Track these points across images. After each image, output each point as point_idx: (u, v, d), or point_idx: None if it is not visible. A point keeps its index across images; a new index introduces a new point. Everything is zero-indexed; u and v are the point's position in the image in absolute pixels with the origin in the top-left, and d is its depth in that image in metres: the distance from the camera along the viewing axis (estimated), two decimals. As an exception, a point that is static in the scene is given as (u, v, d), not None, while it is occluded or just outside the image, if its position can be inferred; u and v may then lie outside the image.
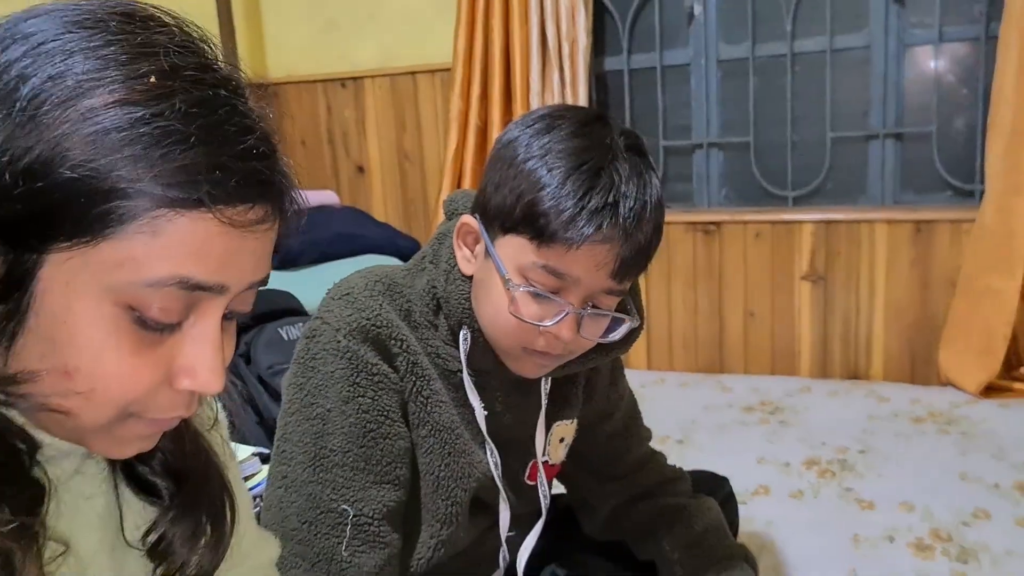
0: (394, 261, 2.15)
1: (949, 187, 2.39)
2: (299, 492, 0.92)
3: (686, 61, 2.64)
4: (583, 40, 2.50)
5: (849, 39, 2.44)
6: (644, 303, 2.26)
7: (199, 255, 0.53)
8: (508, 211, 0.89)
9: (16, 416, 0.55)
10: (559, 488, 1.20)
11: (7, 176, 0.48)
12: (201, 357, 0.55)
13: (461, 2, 2.59)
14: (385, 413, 0.95)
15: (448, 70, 2.70)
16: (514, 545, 1.10)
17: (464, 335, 0.97)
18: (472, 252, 0.95)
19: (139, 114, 0.50)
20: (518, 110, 2.58)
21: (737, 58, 2.58)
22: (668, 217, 1.04)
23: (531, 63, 2.55)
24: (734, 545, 1.19)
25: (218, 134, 0.53)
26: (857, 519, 1.57)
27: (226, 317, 0.56)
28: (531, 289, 0.88)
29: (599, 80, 2.72)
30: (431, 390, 0.97)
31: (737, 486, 1.33)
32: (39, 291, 0.51)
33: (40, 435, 0.56)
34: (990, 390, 2.15)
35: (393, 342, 0.95)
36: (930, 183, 2.42)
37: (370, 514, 0.93)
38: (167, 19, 0.55)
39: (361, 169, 2.96)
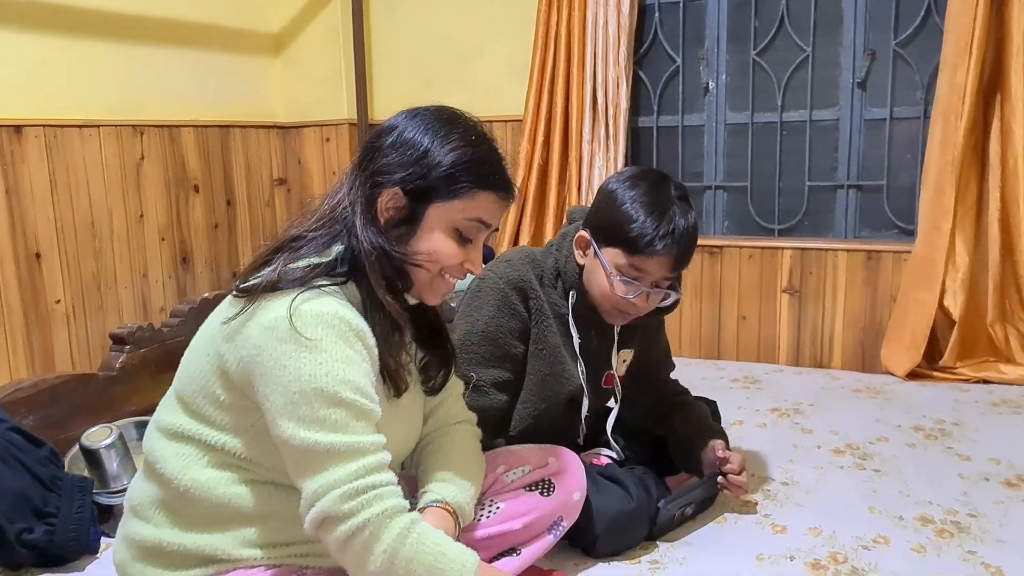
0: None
1: (895, 226, 3.14)
2: None
3: (701, 123, 3.38)
4: (624, 104, 3.27)
5: (824, 113, 3.17)
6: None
7: (486, 210, 1.31)
8: (611, 233, 1.64)
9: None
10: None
11: (417, 177, 1.28)
12: (476, 256, 1.34)
13: (533, 69, 3.36)
14: (509, 331, 1.71)
15: (519, 120, 3.45)
16: (589, 424, 1.86)
17: (572, 294, 1.75)
18: (584, 253, 1.72)
19: (468, 150, 1.29)
20: (572, 154, 3.33)
21: (740, 123, 3.31)
22: None
23: (584, 119, 3.30)
24: (715, 424, 1.96)
25: (494, 158, 1.32)
26: (799, 440, 2.32)
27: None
28: (623, 278, 1.65)
29: (634, 134, 3.46)
30: (546, 324, 1.73)
31: (723, 416, 2.10)
32: (424, 221, 1.30)
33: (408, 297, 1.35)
34: (914, 375, 2.89)
35: (531, 291, 1.72)
36: (881, 223, 3.17)
37: (486, 379, 1.69)
38: (462, 111, 1.35)
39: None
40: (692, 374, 2.85)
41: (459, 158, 1.26)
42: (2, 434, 1.71)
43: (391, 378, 1.28)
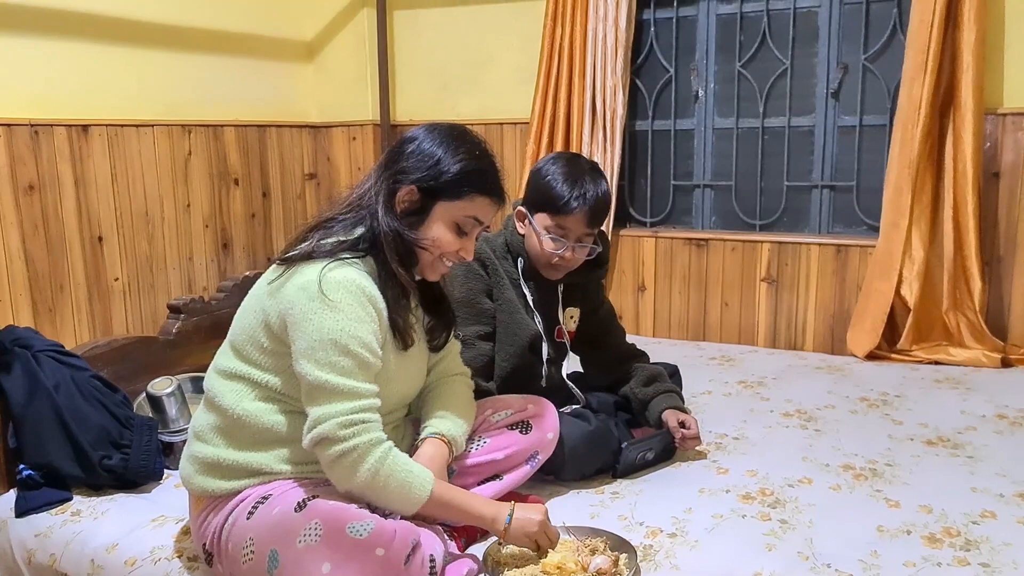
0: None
1: (864, 223, 3.46)
2: None
3: (691, 127, 3.68)
4: (620, 110, 3.59)
5: (801, 120, 3.47)
6: (653, 296, 3.48)
7: (481, 211, 1.68)
8: (539, 201, 2.04)
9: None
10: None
11: (430, 179, 1.64)
12: (469, 246, 1.70)
13: (539, 77, 3.67)
14: (479, 292, 2.08)
15: (526, 123, 3.77)
16: (550, 367, 2.21)
17: (520, 261, 2.12)
18: (522, 224, 2.10)
19: (472, 163, 1.66)
20: (573, 154, 3.71)
21: (726, 127, 3.62)
22: (671, 233, 2.30)
23: (584, 123, 3.61)
24: (671, 384, 2.32)
25: (492, 170, 1.70)
26: (756, 406, 2.66)
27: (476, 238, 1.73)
28: (551, 236, 2.03)
29: (631, 137, 3.76)
30: (504, 285, 2.11)
31: (694, 388, 2.45)
32: (432, 214, 1.67)
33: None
34: (873, 356, 3.22)
35: (487, 260, 2.10)
36: (851, 220, 3.48)
37: (471, 334, 2.06)
38: (469, 129, 1.73)
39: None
40: (675, 353, 3.19)
41: (464, 168, 1.63)
42: (86, 380, 2.11)
43: (400, 334, 1.65)
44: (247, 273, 2.73)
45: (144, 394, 2.26)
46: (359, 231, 1.65)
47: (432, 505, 1.56)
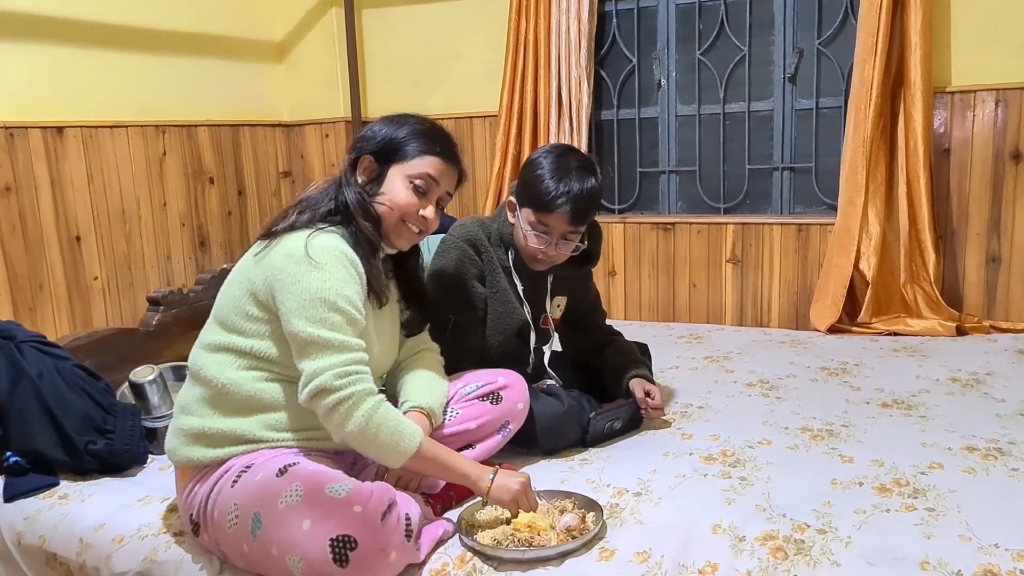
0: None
1: (823, 203, 3.57)
2: (428, 309, 2.13)
3: (655, 115, 3.77)
4: (586, 100, 3.67)
5: (760, 104, 3.57)
6: (623, 279, 3.60)
7: (433, 168, 1.78)
8: (526, 195, 2.09)
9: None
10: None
11: (382, 147, 1.75)
12: (429, 206, 1.79)
13: (506, 70, 3.75)
14: (472, 277, 2.17)
15: (495, 116, 3.84)
16: (536, 354, 2.31)
17: (511, 252, 2.20)
18: (512, 215, 2.18)
19: (418, 127, 1.77)
20: (541, 144, 3.80)
21: (688, 114, 3.71)
22: (639, 219, 2.40)
23: (551, 114, 3.69)
24: (640, 357, 2.40)
25: (441, 135, 1.80)
26: (721, 378, 2.75)
27: (437, 205, 1.82)
28: (534, 232, 2.09)
29: (597, 126, 3.83)
30: (497, 272, 2.18)
31: (662, 364, 2.54)
32: (387, 177, 1.76)
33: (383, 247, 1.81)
34: (834, 330, 3.33)
35: (482, 247, 2.17)
36: (812, 200, 3.58)
37: (462, 320, 2.14)
38: (421, 117, 1.83)
39: (430, 182, 4.21)
40: (645, 333, 3.26)
41: (410, 132, 1.78)
42: (70, 368, 2.17)
43: (375, 292, 1.75)
44: (224, 266, 2.80)
45: (126, 383, 2.32)
46: (332, 204, 1.77)
47: (419, 459, 1.65)
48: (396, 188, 1.76)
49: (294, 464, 1.61)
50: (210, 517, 1.65)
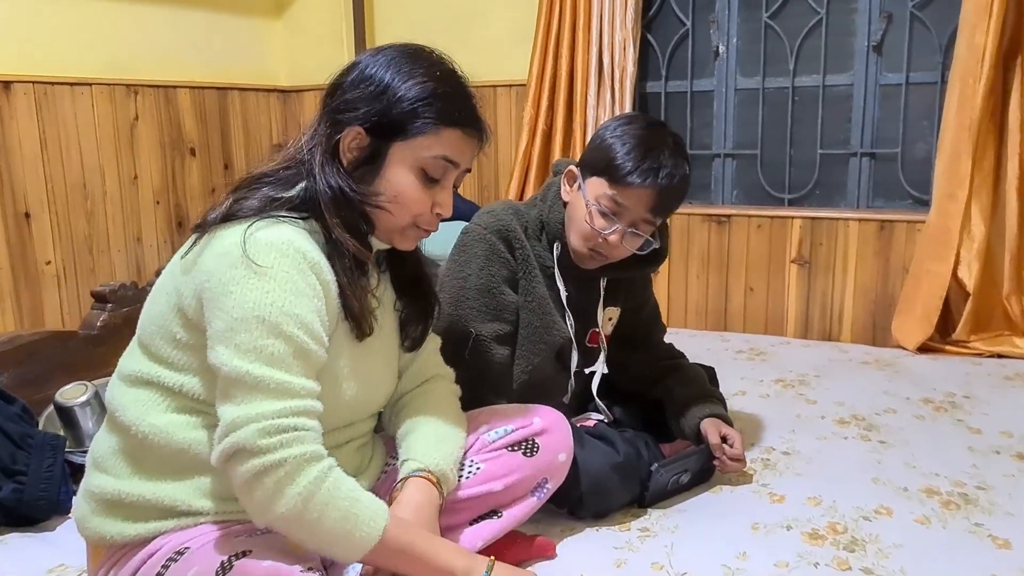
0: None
1: (910, 196, 3.04)
2: (444, 320, 1.61)
3: (710, 88, 3.29)
4: (631, 68, 3.18)
5: (837, 78, 3.07)
6: (667, 279, 3.04)
7: (452, 147, 1.24)
8: (597, 163, 1.60)
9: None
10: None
11: (379, 114, 1.20)
12: (444, 198, 1.27)
13: (538, 32, 3.27)
14: (502, 280, 1.65)
15: (523, 85, 3.38)
16: (577, 380, 1.79)
17: (557, 246, 1.68)
18: (570, 188, 1.66)
19: (430, 85, 1.22)
20: (577, 119, 3.26)
21: (750, 88, 3.22)
22: (688, 210, 1.77)
23: (589, 83, 3.22)
24: (713, 389, 1.88)
25: (461, 93, 1.25)
26: (802, 410, 2.23)
27: (453, 185, 1.28)
28: (601, 208, 1.59)
29: (641, 100, 3.38)
30: (533, 275, 1.67)
31: (726, 388, 2.01)
32: (387, 161, 1.23)
33: (373, 242, 1.28)
34: (925, 348, 2.80)
35: (515, 241, 1.65)
36: (895, 193, 3.07)
37: (486, 335, 1.63)
38: (431, 48, 1.28)
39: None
40: (696, 345, 2.78)
41: (421, 92, 1.21)
42: (-30, 388, 1.66)
43: (354, 319, 1.22)
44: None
45: (51, 405, 1.81)
46: (297, 189, 1.23)
47: (383, 551, 1.13)
48: (402, 179, 1.23)
49: (243, 556, 1.10)
50: (125, 620, 1.14)
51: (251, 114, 3.58)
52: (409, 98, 1.20)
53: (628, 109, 3.19)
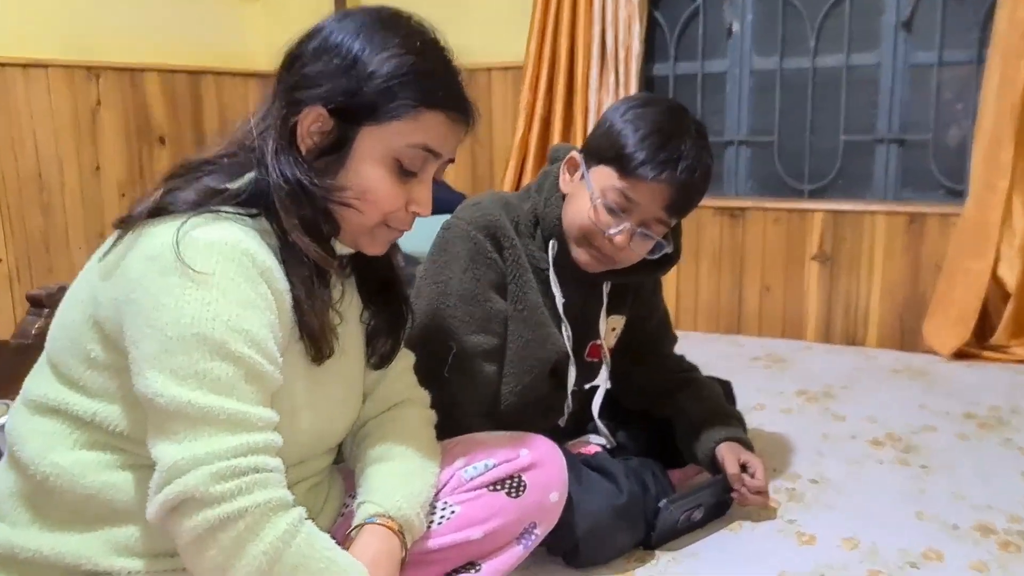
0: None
1: (942, 187, 2.79)
2: (419, 332, 1.36)
3: (723, 70, 3.07)
4: (636, 47, 2.95)
5: (862, 58, 2.85)
6: (675, 277, 2.78)
7: (433, 134, 1.00)
8: (606, 150, 1.34)
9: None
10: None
11: (346, 92, 0.96)
12: (422, 194, 1.02)
13: (535, 10, 3.06)
14: (489, 285, 1.40)
15: (519, 68, 3.15)
16: (575, 398, 1.55)
17: (553, 244, 1.43)
18: (571, 177, 1.41)
19: (409, 59, 0.98)
20: (578, 104, 3.03)
21: (767, 69, 3.00)
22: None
23: (591, 65, 3.00)
24: (730, 407, 1.64)
25: (445, 70, 1.01)
26: (830, 429, 1.99)
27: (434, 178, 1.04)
28: (607, 203, 1.34)
29: (648, 83, 3.15)
30: (525, 278, 1.42)
31: (741, 401, 1.76)
32: (354, 149, 0.99)
33: (337, 247, 1.04)
34: (960, 354, 2.55)
35: (504, 239, 1.40)
36: (926, 182, 2.83)
37: (470, 348, 1.38)
38: (409, 13, 1.04)
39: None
40: (707, 351, 2.55)
41: (398, 68, 0.98)
42: None
43: (312, 340, 1.00)
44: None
45: (-34, 427, 1.57)
46: (245, 179, 1.00)
47: None
48: (372, 171, 1.00)
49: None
50: None
51: (227, 100, 3.38)
52: (383, 74, 0.97)
53: (633, 92, 2.95)
